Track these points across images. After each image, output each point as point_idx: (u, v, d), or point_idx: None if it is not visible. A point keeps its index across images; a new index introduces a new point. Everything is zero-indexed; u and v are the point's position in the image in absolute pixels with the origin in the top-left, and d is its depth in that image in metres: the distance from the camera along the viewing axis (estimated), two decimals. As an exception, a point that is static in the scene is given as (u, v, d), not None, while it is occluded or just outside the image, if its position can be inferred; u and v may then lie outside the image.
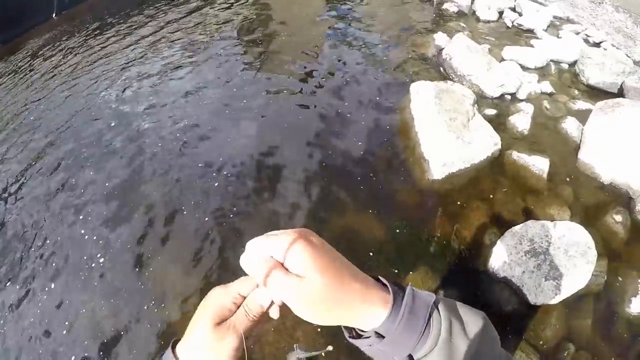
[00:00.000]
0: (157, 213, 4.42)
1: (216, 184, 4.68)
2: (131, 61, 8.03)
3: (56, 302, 3.80)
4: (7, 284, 4.05)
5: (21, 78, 8.91)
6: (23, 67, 9.51)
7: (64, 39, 10.50)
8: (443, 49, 6.26)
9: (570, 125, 4.79)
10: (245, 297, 0.90)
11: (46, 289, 3.92)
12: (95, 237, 4.27)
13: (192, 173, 4.86)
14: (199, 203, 4.47)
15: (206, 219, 4.32)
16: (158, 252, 4.04)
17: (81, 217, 4.51)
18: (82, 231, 4.35)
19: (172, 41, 8.49)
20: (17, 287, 4.00)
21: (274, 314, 0.90)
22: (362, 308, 0.80)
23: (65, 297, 3.82)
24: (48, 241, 4.34)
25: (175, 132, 5.52)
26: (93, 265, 4.00)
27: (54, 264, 4.11)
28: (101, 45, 9.32)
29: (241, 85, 6.29)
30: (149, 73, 7.41)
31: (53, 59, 9.40)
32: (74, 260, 4.10)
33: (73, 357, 3.43)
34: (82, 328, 3.58)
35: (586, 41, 6.36)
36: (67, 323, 3.63)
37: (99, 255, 4.07)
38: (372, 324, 0.80)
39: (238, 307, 0.89)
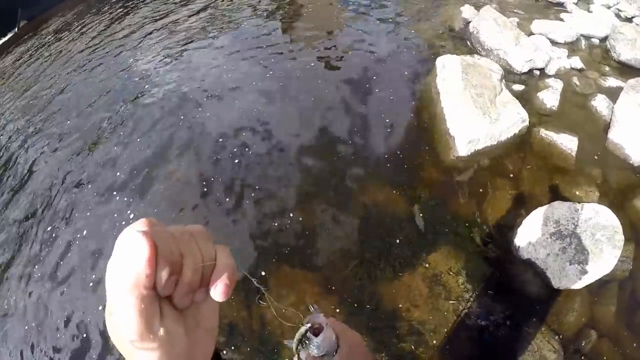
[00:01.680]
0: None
1: (244, 159, 4.70)
2: (153, 41, 7.99)
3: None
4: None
5: (48, 54, 8.98)
6: (45, 43, 9.55)
7: (83, 15, 10.50)
8: (470, 22, 6.14)
9: (600, 103, 4.68)
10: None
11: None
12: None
13: (214, 151, 4.89)
14: (226, 179, 4.52)
15: (232, 192, 4.36)
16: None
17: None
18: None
19: (197, 20, 8.44)
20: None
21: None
22: None
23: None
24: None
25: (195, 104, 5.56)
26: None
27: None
28: (125, 22, 9.29)
29: (265, 60, 6.24)
30: (173, 47, 7.42)
31: (71, 35, 9.42)
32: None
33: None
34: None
35: (618, 16, 6.19)
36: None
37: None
38: None
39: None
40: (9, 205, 5.04)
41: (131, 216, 4.29)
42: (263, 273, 3.62)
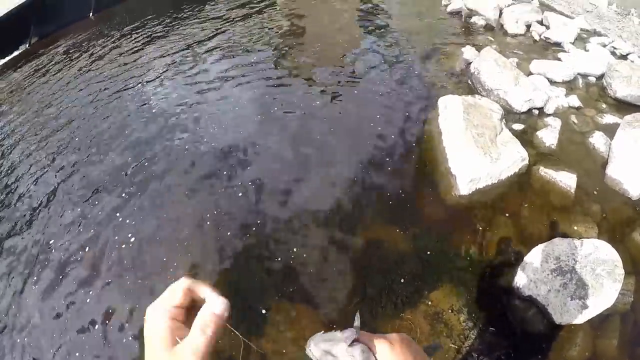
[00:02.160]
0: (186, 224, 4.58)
1: (245, 189, 4.89)
2: (163, 65, 8.28)
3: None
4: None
5: (53, 73, 9.23)
6: (56, 62, 9.82)
7: (96, 38, 10.82)
8: (471, 62, 6.33)
9: (597, 140, 4.82)
10: (184, 308, 0.90)
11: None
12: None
13: (217, 174, 5.14)
14: (228, 214, 4.66)
15: (234, 221, 4.53)
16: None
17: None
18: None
19: (205, 46, 8.72)
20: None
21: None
22: None
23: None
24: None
25: (198, 132, 5.81)
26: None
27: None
28: (133, 46, 9.60)
29: (268, 95, 6.48)
30: (180, 72, 7.71)
31: (83, 56, 9.70)
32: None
33: None
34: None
35: (613, 54, 6.36)
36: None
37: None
38: None
39: (184, 322, 0.88)
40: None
41: (130, 242, 4.43)
42: (263, 311, 3.69)
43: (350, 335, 0.95)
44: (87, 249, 4.58)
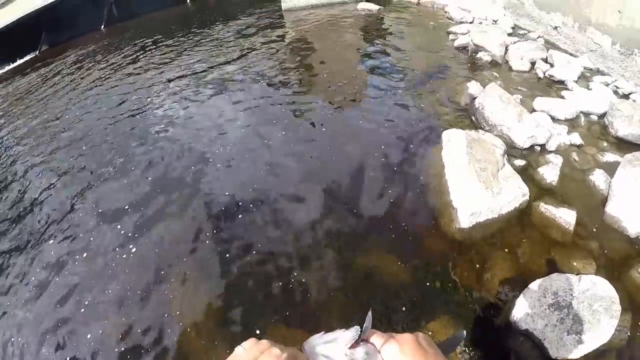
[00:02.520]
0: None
1: (246, 211, 5.04)
2: (167, 80, 8.47)
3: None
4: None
5: (59, 82, 9.43)
6: (64, 71, 10.02)
7: (105, 50, 11.05)
8: (476, 97, 6.45)
9: (598, 178, 4.88)
10: None
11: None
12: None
13: (217, 193, 5.34)
14: (227, 237, 4.79)
15: (229, 251, 4.61)
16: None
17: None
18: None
19: (212, 66, 8.92)
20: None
21: None
22: None
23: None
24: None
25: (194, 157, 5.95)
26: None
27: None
28: (141, 62, 9.83)
29: (272, 119, 6.69)
30: (186, 90, 7.94)
31: (91, 67, 9.92)
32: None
33: None
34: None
35: (616, 93, 6.45)
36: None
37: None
38: None
39: None
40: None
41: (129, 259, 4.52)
42: (258, 331, 3.75)
43: (353, 335, 0.98)
44: (84, 259, 4.71)
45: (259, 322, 3.86)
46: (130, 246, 4.82)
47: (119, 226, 5.13)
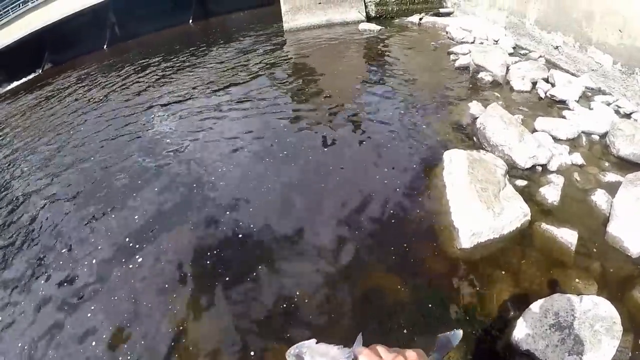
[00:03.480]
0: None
1: (248, 230, 5.13)
2: (168, 102, 8.58)
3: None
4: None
5: (61, 101, 9.57)
6: (66, 90, 10.16)
7: (108, 70, 11.21)
8: (477, 117, 6.50)
9: (599, 198, 4.88)
10: None
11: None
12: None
13: (219, 213, 5.43)
14: (229, 257, 4.88)
15: (235, 261, 4.76)
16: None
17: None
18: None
19: (213, 86, 9.05)
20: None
21: None
22: None
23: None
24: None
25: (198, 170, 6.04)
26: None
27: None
28: (142, 82, 9.96)
29: (275, 138, 6.77)
30: (187, 110, 8.03)
31: (92, 86, 10.07)
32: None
33: None
34: None
35: (617, 112, 6.47)
36: None
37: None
38: None
39: None
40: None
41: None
42: (252, 353, 3.78)
43: (348, 356, 1.03)
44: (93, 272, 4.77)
45: (256, 340, 3.90)
46: (137, 257, 4.90)
47: (118, 237, 5.24)
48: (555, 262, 4.25)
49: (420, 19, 12.59)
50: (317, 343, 1.05)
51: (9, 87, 12.40)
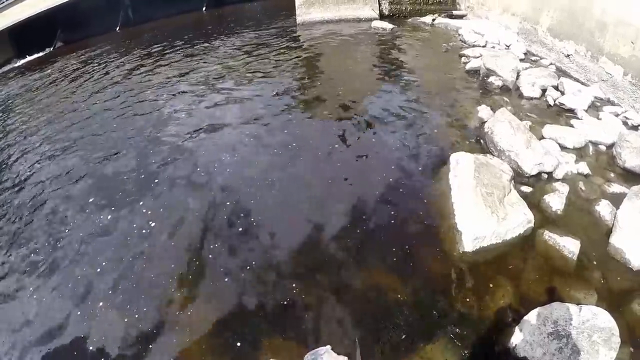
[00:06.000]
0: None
1: (249, 227, 5.13)
2: (178, 91, 8.56)
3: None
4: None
5: (70, 79, 9.61)
6: (76, 69, 10.19)
7: (118, 51, 11.21)
8: (485, 122, 6.49)
9: (603, 209, 4.88)
10: None
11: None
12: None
13: (221, 209, 5.44)
14: (222, 251, 4.89)
15: (233, 258, 4.76)
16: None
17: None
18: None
19: (222, 77, 9.05)
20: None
21: None
22: None
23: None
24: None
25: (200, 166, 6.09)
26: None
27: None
28: (152, 65, 9.95)
29: (281, 137, 6.80)
30: (195, 98, 8.05)
31: (102, 66, 10.10)
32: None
33: None
34: None
35: (625, 124, 6.45)
36: None
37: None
38: None
39: None
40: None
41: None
42: (246, 350, 3.79)
43: None
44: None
45: (256, 336, 3.91)
46: (143, 254, 4.92)
47: (120, 230, 5.27)
48: (556, 271, 4.26)
49: (434, 20, 12.55)
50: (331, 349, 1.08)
51: (20, 62, 12.47)
